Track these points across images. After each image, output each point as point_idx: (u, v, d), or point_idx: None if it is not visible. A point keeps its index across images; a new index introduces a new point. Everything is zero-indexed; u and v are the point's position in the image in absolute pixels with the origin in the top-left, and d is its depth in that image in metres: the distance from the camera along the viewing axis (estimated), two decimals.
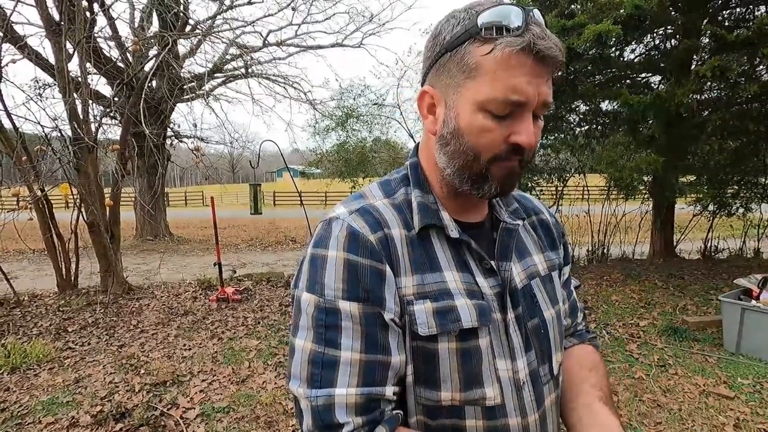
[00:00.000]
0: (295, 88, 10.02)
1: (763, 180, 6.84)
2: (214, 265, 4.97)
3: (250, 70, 9.43)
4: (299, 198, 5.27)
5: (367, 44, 12.47)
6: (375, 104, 10.77)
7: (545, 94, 0.55)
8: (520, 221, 0.69)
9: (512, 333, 0.62)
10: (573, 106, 6.35)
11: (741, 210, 6.80)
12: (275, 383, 2.95)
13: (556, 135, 6.40)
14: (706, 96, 5.30)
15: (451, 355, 0.58)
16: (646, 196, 6.62)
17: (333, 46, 10.54)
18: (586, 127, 6.50)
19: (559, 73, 0.58)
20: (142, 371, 3.15)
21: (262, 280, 5.71)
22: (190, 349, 3.56)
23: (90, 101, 4.73)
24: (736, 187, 6.69)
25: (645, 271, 5.70)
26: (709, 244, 6.96)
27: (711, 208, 6.80)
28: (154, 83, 8.82)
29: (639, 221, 6.91)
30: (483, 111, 0.55)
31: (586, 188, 7.07)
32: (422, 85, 0.63)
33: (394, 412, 0.57)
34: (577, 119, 6.69)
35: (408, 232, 0.62)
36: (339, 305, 0.56)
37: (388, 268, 0.58)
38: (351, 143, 11.00)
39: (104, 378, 3.05)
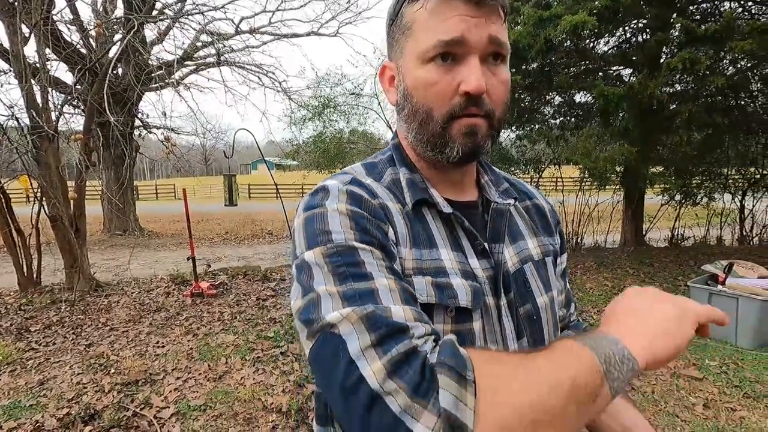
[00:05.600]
0: (269, 77, 9.77)
1: (726, 171, 7.18)
2: (188, 259, 4.81)
3: (222, 58, 9.12)
4: (276, 190, 5.16)
5: (344, 33, 12.28)
6: (352, 94, 10.64)
7: (489, 32, 0.53)
8: (512, 200, 0.67)
9: (504, 319, 0.59)
10: (548, 98, 6.45)
11: (705, 200, 7.10)
12: (254, 379, 2.87)
13: (532, 126, 6.49)
14: (676, 89, 5.47)
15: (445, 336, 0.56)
16: (617, 186, 6.81)
17: (308, 34, 10.30)
18: (561, 119, 6.63)
19: (505, 18, 0.57)
20: (113, 371, 3.01)
21: (238, 274, 5.57)
22: (163, 347, 3.43)
23: (49, 88, 4.46)
24: (701, 178, 6.99)
25: (617, 259, 5.87)
26: (675, 233, 7.24)
27: (678, 198, 7.09)
28: (120, 70, 8.42)
29: (611, 211, 7.12)
30: (423, 63, 0.55)
31: (560, 179, 7.21)
32: None
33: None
34: (551, 111, 6.82)
35: (403, 207, 0.59)
36: (354, 244, 0.50)
37: (391, 231, 0.55)
38: (328, 134, 10.86)
39: (71, 379, 2.90)
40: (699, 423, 2.34)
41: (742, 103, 5.65)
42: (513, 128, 6.55)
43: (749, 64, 5.08)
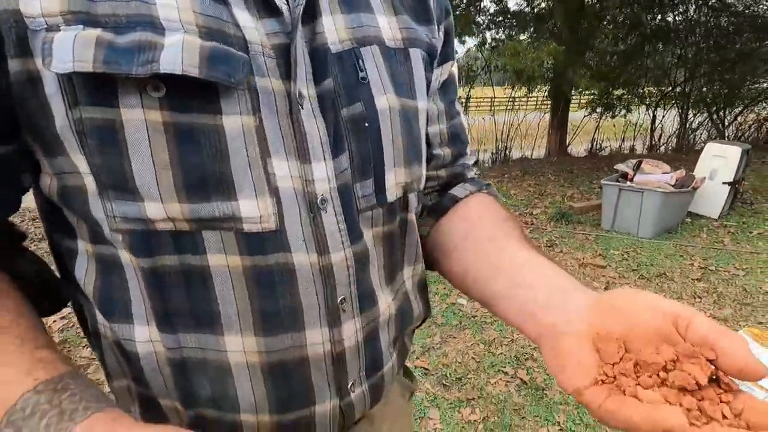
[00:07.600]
0: None
1: (643, 83, 7.63)
2: None
3: None
4: None
5: None
6: None
7: None
8: None
9: (304, 118, 0.37)
10: (482, 6, 6.22)
11: (624, 111, 7.58)
12: None
13: (467, 38, 6.30)
14: None
15: (154, 132, 0.32)
16: (545, 95, 6.95)
17: None
18: (494, 30, 6.49)
19: None
20: None
21: None
22: None
23: None
24: (622, 90, 7.36)
25: (541, 167, 6.08)
26: (595, 144, 7.67)
27: (599, 110, 7.46)
28: None
29: (537, 124, 7.32)
30: None
31: (494, 98, 7.20)
32: None
33: None
34: (486, 21, 6.64)
35: None
36: None
37: None
38: None
39: None
40: None
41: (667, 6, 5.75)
42: None
43: None
